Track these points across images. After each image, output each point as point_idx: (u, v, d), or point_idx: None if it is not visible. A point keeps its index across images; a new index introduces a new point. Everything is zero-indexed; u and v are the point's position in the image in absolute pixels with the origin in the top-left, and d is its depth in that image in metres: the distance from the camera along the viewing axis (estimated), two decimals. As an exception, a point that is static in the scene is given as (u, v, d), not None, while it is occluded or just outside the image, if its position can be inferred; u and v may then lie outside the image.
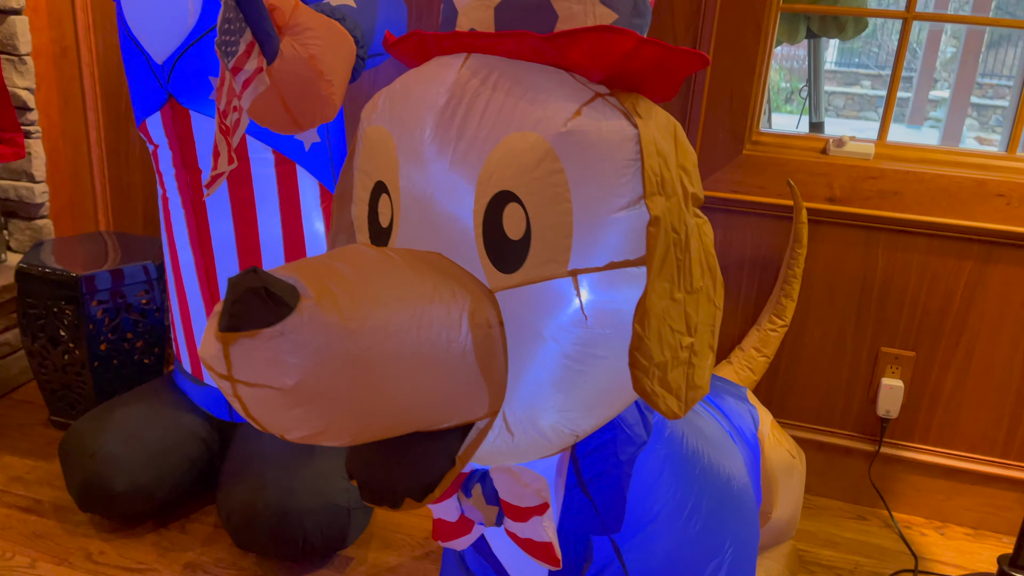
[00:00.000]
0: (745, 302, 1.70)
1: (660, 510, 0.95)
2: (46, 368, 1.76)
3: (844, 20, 1.69)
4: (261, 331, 0.57)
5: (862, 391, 1.68)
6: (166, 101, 1.32)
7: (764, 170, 1.60)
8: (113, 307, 1.71)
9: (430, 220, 0.77)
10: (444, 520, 0.92)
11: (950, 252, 1.56)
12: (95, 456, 1.45)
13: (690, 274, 0.81)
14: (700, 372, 0.83)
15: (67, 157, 2.03)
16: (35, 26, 1.91)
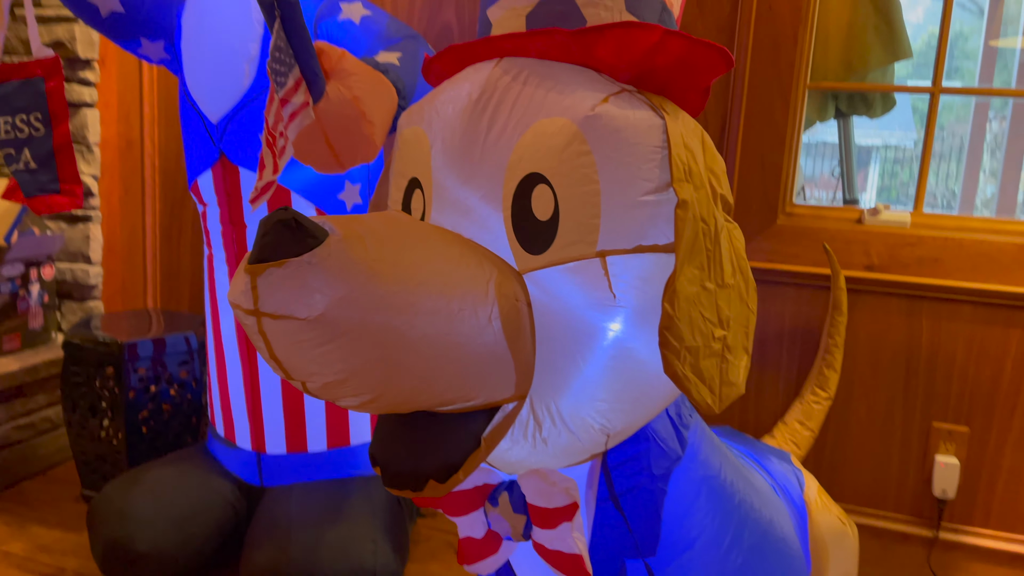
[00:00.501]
0: (787, 375, 1.66)
1: (697, 537, 0.90)
2: (83, 438, 1.77)
3: (872, 97, 1.73)
4: (288, 260, 0.58)
5: (915, 469, 1.60)
6: (218, 159, 1.39)
7: (799, 239, 1.61)
8: (153, 376, 1.73)
9: (461, 206, 0.78)
10: (471, 539, 0.88)
11: (997, 320, 1.52)
12: (122, 514, 1.43)
13: (720, 268, 0.81)
14: (734, 369, 0.81)
15: (122, 241, 2.13)
16: (105, 119, 2.05)
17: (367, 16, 1.35)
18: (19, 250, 1.87)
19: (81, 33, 1.95)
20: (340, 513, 1.41)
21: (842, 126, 1.81)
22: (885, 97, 1.72)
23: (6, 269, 1.87)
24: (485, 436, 0.72)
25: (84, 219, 2.06)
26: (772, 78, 1.57)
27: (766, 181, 1.61)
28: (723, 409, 0.80)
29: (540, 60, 0.81)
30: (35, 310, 1.96)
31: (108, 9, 1.39)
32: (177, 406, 1.78)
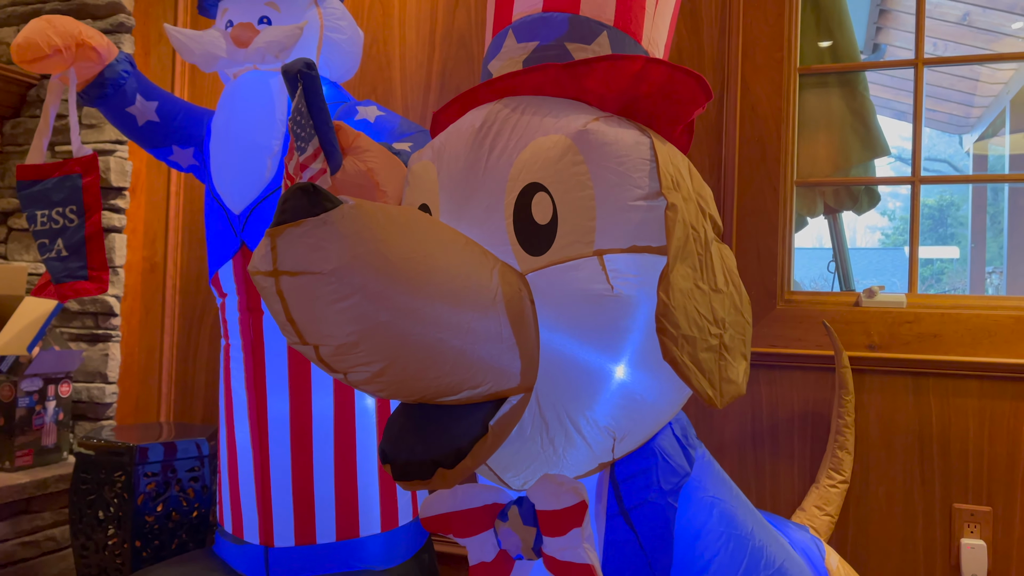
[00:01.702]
0: (800, 459, 1.64)
1: (712, 559, 0.88)
2: (87, 550, 1.73)
3: (857, 192, 1.82)
4: (305, 220, 0.63)
5: (942, 554, 1.55)
6: (239, 249, 1.47)
7: (800, 323, 1.64)
8: (163, 481, 1.72)
9: (465, 219, 0.84)
10: (481, 564, 0.87)
11: (1005, 394, 1.52)
12: (124, 613, 1.38)
13: (713, 274, 0.85)
14: (734, 369, 0.84)
15: (140, 361, 2.17)
16: (131, 244, 2.16)
17: (381, 116, 1.48)
18: (39, 365, 1.91)
19: (116, 164, 2.09)
20: (348, 604, 1.36)
21: (832, 222, 1.89)
22: (870, 193, 1.82)
23: (25, 384, 1.91)
24: (492, 424, 0.74)
25: (104, 338, 2.12)
26: (761, 173, 1.67)
27: (763, 270, 1.67)
28: (725, 405, 0.81)
29: (535, 96, 0.90)
30: (49, 427, 1.98)
31: (145, 119, 1.52)
32: (185, 514, 1.76)
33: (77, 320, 2.14)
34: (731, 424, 1.69)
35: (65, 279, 1.41)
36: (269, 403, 1.48)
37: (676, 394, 0.88)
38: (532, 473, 0.83)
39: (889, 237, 15.36)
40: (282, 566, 1.49)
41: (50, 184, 1.42)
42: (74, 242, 1.42)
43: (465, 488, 0.87)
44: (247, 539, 1.52)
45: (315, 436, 1.50)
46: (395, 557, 1.53)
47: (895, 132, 6.79)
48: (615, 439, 0.82)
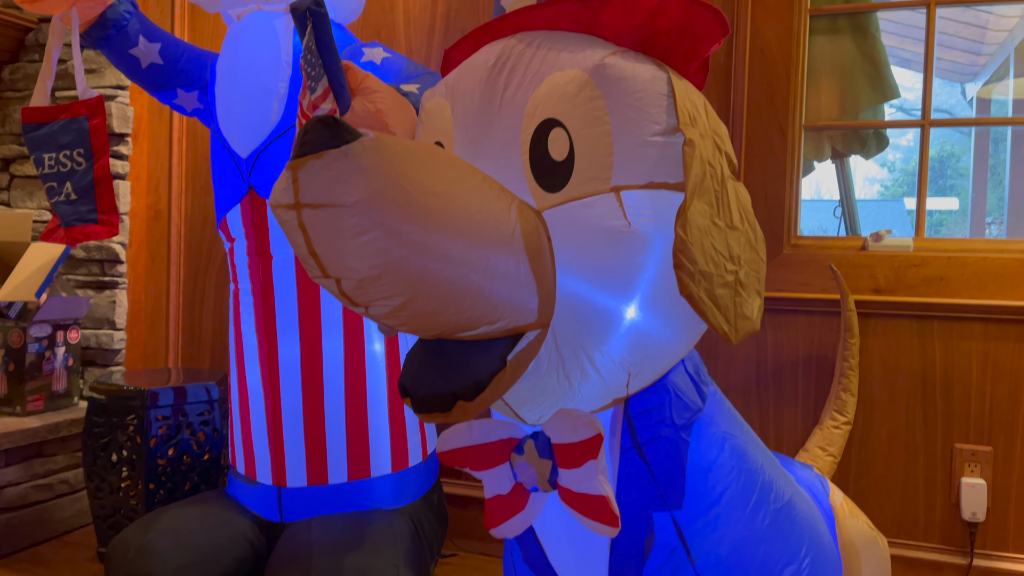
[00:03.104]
0: (804, 402, 1.66)
1: (723, 492, 0.90)
2: (102, 492, 1.76)
3: (866, 136, 1.82)
4: (327, 152, 0.63)
5: (942, 493, 1.58)
6: (246, 193, 1.46)
7: (806, 267, 1.65)
8: (174, 424, 1.75)
9: (480, 158, 0.84)
10: (497, 497, 0.88)
11: (1008, 336, 1.54)
12: (140, 551, 1.41)
13: (729, 211, 0.85)
14: (749, 306, 0.85)
15: (147, 308, 2.18)
16: (135, 191, 2.15)
17: (387, 58, 1.46)
18: (47, 312, 1.92)
19: (117, 109, 2.07)
20: (362, 542, 1.39)
21: (839, 167, 1.89)
22: (878, 137, 1.81)
23: (34, 330, 1.92)
24: (510, 359, 0.75)
25: (111, 285, 2.12)
26: (769, 116, 1.66)
27: (770, 214, 1.67)
28: (740, 340, 0.82)
29: (551, 31, 0.88)
30: (59, 373, 2.00)
31: (148, 61, 1.50)
32: (196, 456, 1.79)
33: (83, 267, 2.14)
34: (736, 368, 1.71)
35: (75, 223, 1.41)
36: (280, 347, 1.49)
37: (688, 333, 0.88)
38: (548, 408, 0.84)
39: (888, 189, 15.30)
40: (295, 505, 1.51)
41: (56, 127, 1.41)
42: (83, 185, 1.41)
43: (481, 423, 0.88)
44: (260, 480, 1.54)
45: (326, 380, 1.52)
46: (405, 497, 1.56)
47: (898, 80, 6.78)
48: (630, 374, 0.83)
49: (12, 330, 1.90)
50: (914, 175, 1.58)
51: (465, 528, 1.92)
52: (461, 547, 1.92)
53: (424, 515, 1.58)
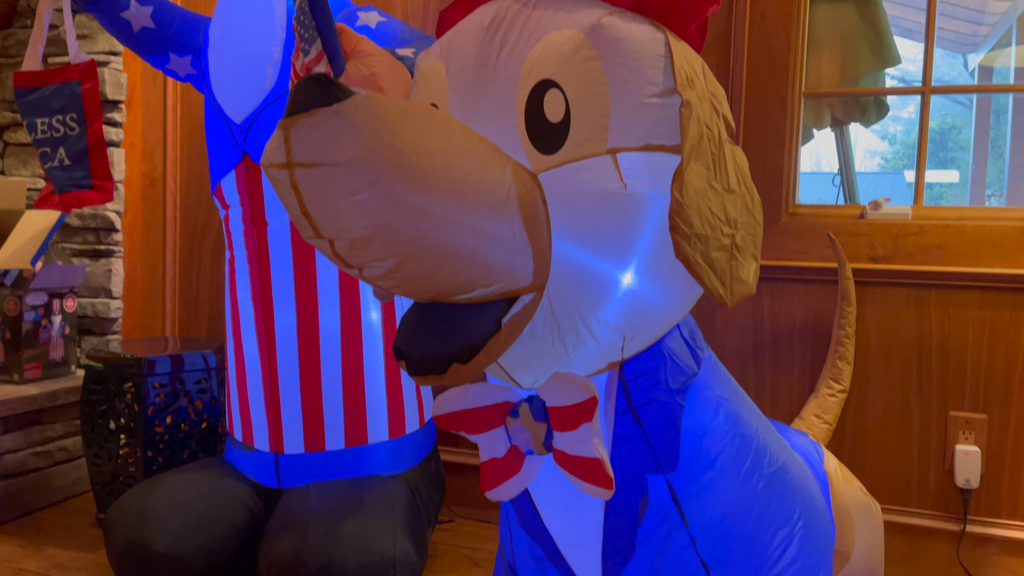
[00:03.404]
0: (800, 370, 1.67)
1: (717, 456, 0.90)
2: (100, 459, 1.77)
3: (866, 104, 1.80)
4: (319, 110, 0.63)
5: (936, 461, 1.59)
6: (241, 159, 1.45)
7: (804, 235, 1.64)
8: (172, 392, 1.75)
9: (475, 119, 0.83)
10: (492, 460, 0.89)
11: (1005, 305, 1.54)
12: (139, 517, 1.42)
13: (726, 174, 0.85)
14: (745, 270, 0.84)
15: (143, 277, 2.18)
16: (130, 159, 2.13)
17: (383, 22, 1.44)
18: (43, 280, 1.92)
19: (110, 76, 2.05)
20: (359, 506, 1.40)
21: (839, 135, 1.87)
22: (878, 104, 1.79)
23: (30, 298, 1.91)
24: (505, 322, 0.75)
25: (107, 254, 2.12)
26: (768, 83, 1.65)
27: (769, 182, 1.66)
28: (735, 304, 0.82)
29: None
30: (56, 341, 2.00)
31: (140, 25, 1.48)
32: (194, 424, 1.79)
33: (78, 236, 2.13)
34: (733, 336, 1.71)
35: (69, 188, 1.40)
36: (276, 316, 1.49)
37: (684, 297, 0.88)
38: (543, 372, 0.84)
39: (889, 162, 15.26)
40: (292, 471, 1.52)
41: (48, 91, 1.39)
42: (76, 151, 1.40)
43: (476, 387, 0.88)
44: (257, 447, 1.55)
45: (322, 348, 1.52)
46: (402, 463, 1.57)
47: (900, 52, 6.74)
48: (625, 338, 0.83)
49: (8, 298, 1.90)
50: (915, 148, 1.58)
51: (462, 495, 1.94)
52: (458, 514, 1.94)
53: (421, 481, 1.59)
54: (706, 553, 0.89)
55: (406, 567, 1.35)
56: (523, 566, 1.04)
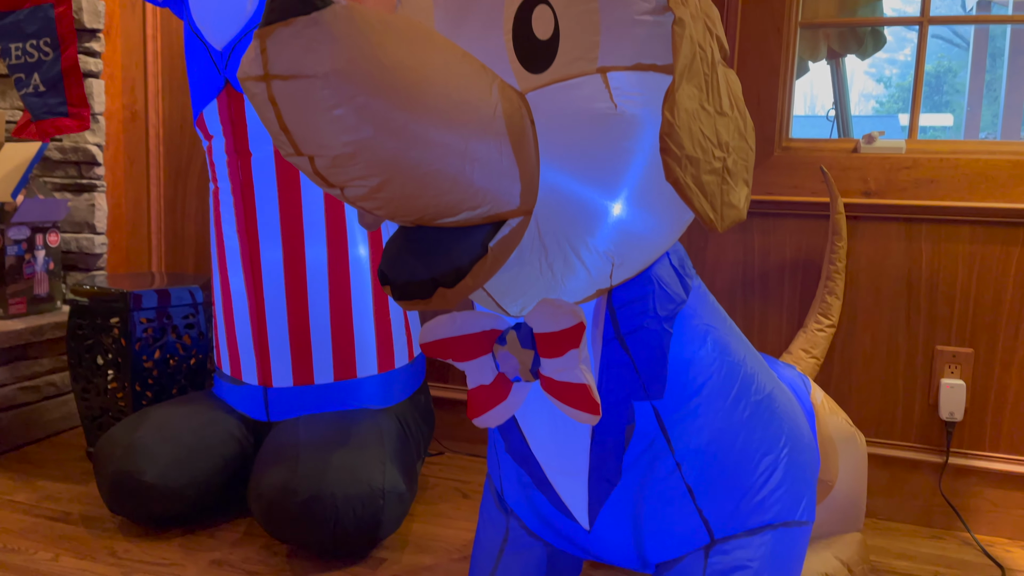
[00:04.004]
0: (789, 306, 1.67)
1: (704, 384, 0.90)
2: (89, 393, 1.77)
3: (862, 34, 1.77)
4: (296, 19, 0.60)
5: (922, 395, 1.60)
6: (223, 88, 1.42)
7: (796, 169, 1.63)
8: (159, 327, 1.74)
9: (462, 37, 0.80)
10: (480, 387, 0.88)
11: (996, 239, 1.53)
12: (128, 448, 1.43)
13: (718, 96, 0.83)
14: (736, 194, 0.83)
15: (127, 212, 2.15)
16: (110, 91, 2.08)
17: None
18: (25, 214, 1.89)
19: (87, 3, 1.99)
20: (348, 438, 1.41)
21: (834, 67, 1.84)
22: (875, 36, 1.76)
23: (12, 232, 1.88)
24: (492, 246, 0.73)
25: (89, 188, 2.08)
26: (764, 12, 1.61)
27: (762, 115, 1.64)
28: (726, 229, 0.81)
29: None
30: (40, 276, 1.97)
31: (115, -54, 1.42)
32: (183, 359, 1.79)
33: (60, 170, 2.09)
34: (723, 272, 1.70)
35: (45, 116, 1.37)
36: (262, 250, 1.47)
37: (674, 223, 0.87)
38: (530, 299, 0.83)
39: (884, 105, 15.12)
40: (281, 405, 1.52)
41: (22, 15, 1.35)
42: (51, 77, 1.36)
43: (463, 315, 0.87)
44: (246, 380, 1.55)
45: (309, 283, 1.50)
46: (392, 397, 1.57)
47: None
48: (613, 264, 0.82)
49: (-10, 232, 1.87)
50: (910, 91, 1.55)
51: (452, 430, 1.95)
52: (448, 447, 1.96)
53: (411, 415, 1.59)
54: (691, 478, 0.90)
55: (395, 497, 1.36)
56: (511, 493, 1.05)
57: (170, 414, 1.51)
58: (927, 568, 1.43)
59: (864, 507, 1.34)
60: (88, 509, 1.56)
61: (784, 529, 0.94)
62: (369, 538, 1.35)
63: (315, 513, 1.29)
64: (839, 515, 1.30)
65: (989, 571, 1.42)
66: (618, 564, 1.03)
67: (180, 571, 1.33)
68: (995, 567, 1.44)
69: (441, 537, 1.49)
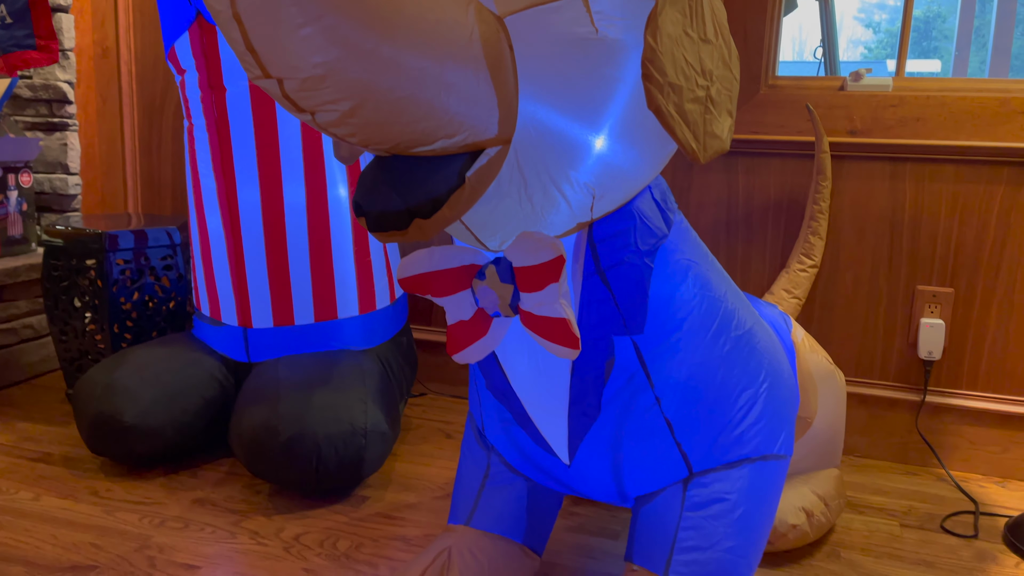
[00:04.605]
0: (772, 246, 1.66)
1: (685, 319, 0.90)
2: (67, 336, 1.75)
3: (852, -31, 1.73)
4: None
5: (901, 334, 1.61)
6: (194, 19, 1.37)
7: (783, 108, 1.60)
8: (136, 268, 1.71)
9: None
10: (459, 323, 0.87)
11: (979, 178, 1.53)
12: (108, 388, 1.41)
13: (702, 21, 0.80)
14: (719, 124, 0.81)
15: (101, 151, 2.10)
16: (79, 26, 2.02)
17: None
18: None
19: (53, -67, 1.91)
20: (330, 378, 1.40)
21: (823, 4, 1.81)
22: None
23: (-17, 172, 1.84)
24: (469, 176, 0.72)
25: (61, 127, 2.03)
26: (752, -56, 1.57)
27: (749, 52, 1.61)
28: (708, 160, 0.79)
29: None
30: (14, 217, 1.94)
31: None
32: (162, 301, 1.77)
33: (31, 108, 2.04)
34: (706, 212, 1.69)
35: (12, 48, 1.32)
36: (239, 191, 1.44)
37: (656, 155, 0.85)
38: (509, 232, 0.82)
39: (872, 51, 15.01)
40: (261, 345, 1.51)
41: (-18, -59, 1.29)
42: (17, 8, 1.31)
43: (442, 249, 0.86)
44: (225, 321, 1.53)
45: (288, 224, 1.48)
46: (373, 338, 1.57)
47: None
48: (594, 196, 0.80)
49: (-41, 172, 1.82)
50: (899, 36, 1.52)
51: (435, 372, 1.95)
52: (431, 389, 1.96)
53: (393, 356, 1.59)
54: (670, 412, 0.90)
55: (377, 436, 1.36)
56: (491, 430, 1.05)
57: (149, 355, 1.50)
58: (902, 503, 1.45)
59: (842, 444, 1.36)
60: (69, 450, 1.56)
61: (762, 463, 0.95)
62: (352, 477, 1.35)
63: (297, 452, 1.30)
64: (817, 451, 1.31)
65: (962, 505, 1.45)
66: (597, 498, 1.04)
67: (162, 509, 1.33)
68: (968, 502, 1.46)
69: (424, 476, 1.50)
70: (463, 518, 1.07)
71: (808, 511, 1.23)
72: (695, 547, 0.89)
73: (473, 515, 1.06)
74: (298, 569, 1.16)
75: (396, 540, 1.26)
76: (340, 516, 1.33)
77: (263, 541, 1.24)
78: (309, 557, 1.20)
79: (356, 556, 1.21)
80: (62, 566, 1.15)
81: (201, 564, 1.17)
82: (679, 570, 0.89)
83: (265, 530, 1.28)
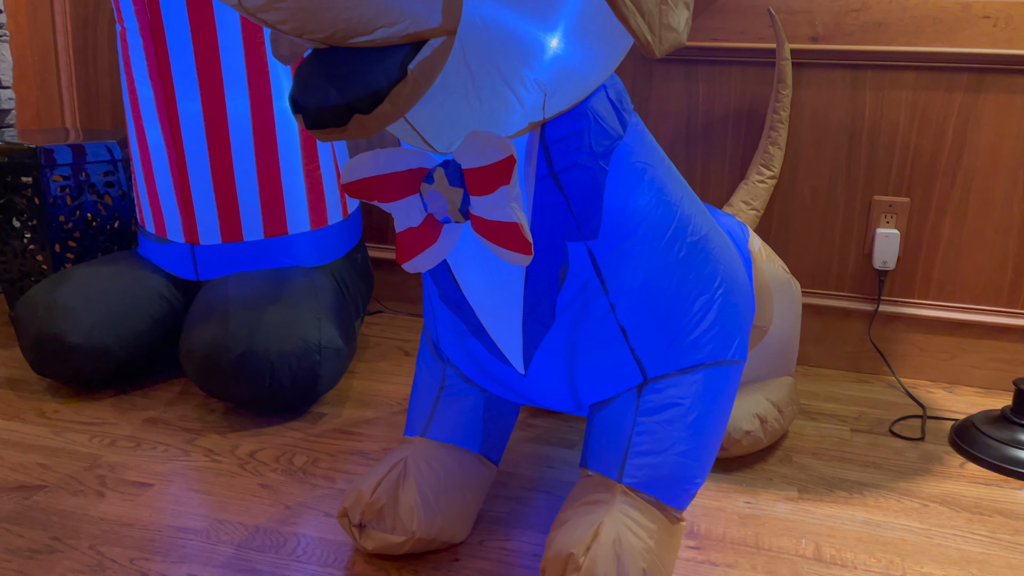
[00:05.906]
0: (732, 158, 1.64)
1: (640, 224, 0.88)
2: (5, 255, 1.68)
3: None
4: None
5: (857, 245, 1.61)
6: (121, -88, 1.28)
7: (743, 13, 1.56)
8: (75, 185, 1.64)
9: None
10: (409, 230, 0.84)
11: (939, 85, 1.51)
12: (49, 308, 1.37)
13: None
14: (676, 17, 0.78)
15: (34, 65, 1.99)
16: (1, -74, 1.88)
17: None
18: (-83, 64, 1.73)
19: None
20: (281, 294, 1.37)
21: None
22: None
23: (-95, 85, 1.73)
24: (412, 68, 0.67)
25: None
26: None
27: (710, -47, 1.56)
28: (664, 55, 0.76)
29: None
30: (-57, 134, 1.84)
31: None
32: (105, 220, 1.70)
33: (-47, 16, 1.91)
34: (666, 122, 1.66)
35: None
36: (179, 102, 1.37)
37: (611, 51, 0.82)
38: (458, 133, 0.78)
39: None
40: (210, 262, 1.47)
41: None
42: None
43: (388, 151, 0.82)
44: (171, 238, 1.48)
45: (232, 136, 1.42)
46: (326, 255, 1.53)
47: None
48: (546, 94, 0.77)
49: None
50: None
51: (392, 290, 1.93)
52: (388, 308, 1.94)
53: (347, 273, 1.56)
54: (625, 319, 0.89)
55: (332, 352, 1.34)
56: (446, 341, 1.04)
57: (93, 274, 1.45)
58: (853, 409, 1.48)
59: (796, 352, 1.37)
60: (13, 372, 1.52)
61: (716, 368, 0.95)
62: (307, 394, 1.34)
63: (249, 369, 1.27)
64: (772, 359, 1.32)
65: (911, 410, 1.48)
66: (553, 407, 1.04)
67: (113, 429, 1.31)
68: (917, 407, 1.50)
69: (381, 392, 1.49)
70: (419, 430, 1.06)
71: (762, 417, 1.24)
72: (649, 451, 0.90)
73: (429, 426, 1.05)
74: (254, 484, 1.15)
75: (354, 455, 1.25)
76: (296, 432, 1.32)
77: (217, 458, 1.23)
78: (265, 472, 1.19)
79: (312, 471, 1.20)
80: (9, 486, 1.12)
81: (154, 481, 1.15)
82: (633, 474, 0.89)
83: (220, 447, 1.26)
